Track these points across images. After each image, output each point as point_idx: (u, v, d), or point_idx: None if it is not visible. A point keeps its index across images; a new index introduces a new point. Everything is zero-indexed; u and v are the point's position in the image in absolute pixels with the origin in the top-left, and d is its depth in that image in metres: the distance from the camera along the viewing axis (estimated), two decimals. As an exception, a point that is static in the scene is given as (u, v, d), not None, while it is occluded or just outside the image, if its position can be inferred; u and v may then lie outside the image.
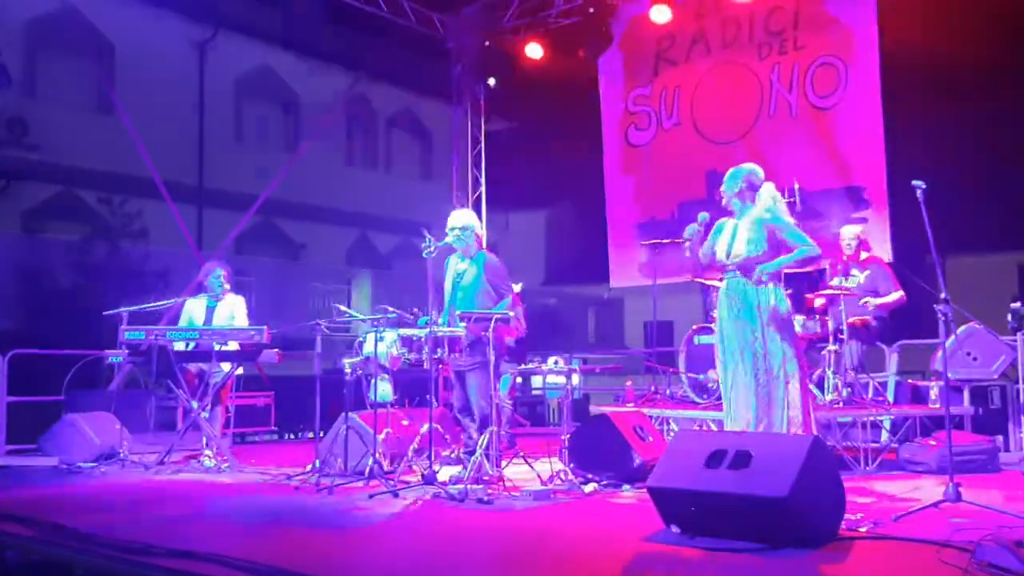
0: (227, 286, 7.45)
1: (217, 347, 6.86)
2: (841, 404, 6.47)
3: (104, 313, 7.08)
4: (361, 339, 6.03)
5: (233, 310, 7.36)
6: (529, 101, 12.10)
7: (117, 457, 6.92)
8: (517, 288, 6.34)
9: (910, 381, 7.44)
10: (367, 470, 5.65)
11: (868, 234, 7.85)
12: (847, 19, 9.06)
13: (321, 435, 6.25)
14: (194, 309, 7.46)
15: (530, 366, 6.89)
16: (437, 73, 12.32)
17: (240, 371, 7.36)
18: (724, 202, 5.28)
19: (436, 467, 5.53)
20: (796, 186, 8.40)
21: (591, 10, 10.41)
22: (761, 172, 5.24)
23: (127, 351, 6.84)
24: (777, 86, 9.56)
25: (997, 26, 8.10)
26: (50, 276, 12.94)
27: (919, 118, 8.65)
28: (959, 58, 8.27)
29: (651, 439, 5.80)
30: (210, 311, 7.37)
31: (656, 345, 8.74)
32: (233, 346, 6.93)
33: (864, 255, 7.42)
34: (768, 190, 5.21)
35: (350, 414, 6.01)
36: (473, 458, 5.46)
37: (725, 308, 5.15)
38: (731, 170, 5.28)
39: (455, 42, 11.60)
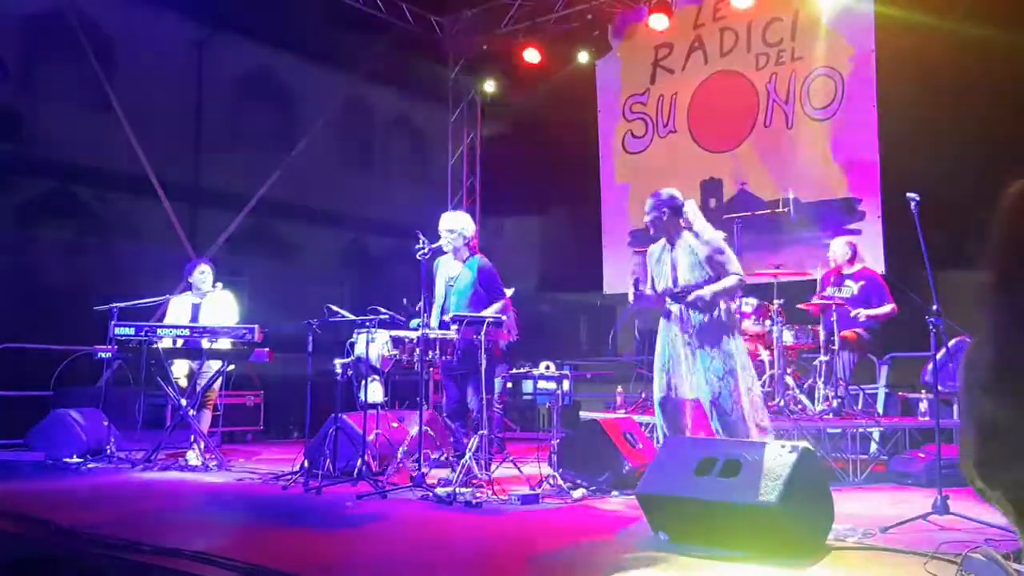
0: (218, 284, 7.44)
1: (208, 345, 6.84)
2: (831, 415, 6.48)
3: (95, 308, 7.06)
4: (352, 340, 6.01)
5: (220, 307, 7.34)
6: (526, 106, 12.07)
7: (104, 453, 6.90)
8: (509, 293, 6.33)
9: (900, 393, 7.46)
10: (356, 471, 5.64)
11: (862, 246, 7.87)
12: (845, 31, 9.10)
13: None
14: (179, 307, 7.43)
15: (521, 371, 6.88)
16: (434, 76, 12.32)
17: (231, 368, 7.33)
18: (652, 232, 5.30)
19: (425, 469, 5.52)
20: (791, 196, 8.44)
21: (589, 16, 10.44)
22: (679, 194, 5.26)
23: (116, 347, 6.82)
24: (774, 96, 9.59)
25: (995, 40, 8.12)
26: (42, 271, 12.87)
27: (915, 131, 8.65)
28: (956, 71, 8.29)
29: (641, 446, 5.80)
30: (196, 309, 7.35)
31: (648, 353, 8.72)
32: (224, 344, 6.91)
33: (857, 266, 7.44)
34: (693, 211, 5.23)
35: (340, 415, 6.00)
36: (462, 461, 5.45)
37: (670, 330, 5.15)
38: (650, 198, 5.28)
39: (452, 45, 11.61)
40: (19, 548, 4.02)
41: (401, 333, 5.83)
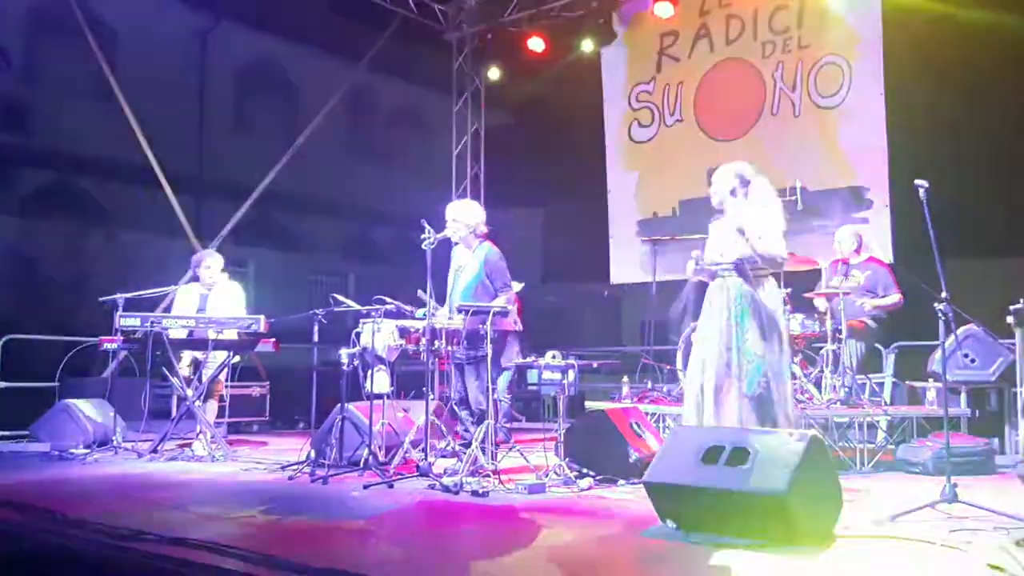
0: (224, 274, 7.43)
1: (213, 335, 6.83)
2: (838, 404, 6.45)
3: (100, 300, 7.06)
4: (358, 330, 5.99)
5: (228, 298, 7.34)
6: (530, 95, 12.04)
7: (110, 444, 6.89)
8: (518, 287, 6.29)
9: (907, 382, 7.43)
10: (362, 461, 5.63)
11: (869, 234, 7.83)
12: (852, 18, 9.04)
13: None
14: (187, 298, 7.43)
15: (527, 360, 6.86)
16: (438, 65, 12.28)
17: (237, 359, 7.33)
18: (715, 202, 5.18)
19: (432, 459, 5.51)
20: (798, 185, 8.38)
21: (594, 4, 10.39)
22: (750, 167, 5.13)
23: (122, 338, 6.81)
24: (780, 84, 9.54)
25: (1004, 27, 8.07)
26: (46, 262, 12.90)
27: (923, 118, 8.61)
28: (964, 59, 8.24)
29: (647, 435, 5.78)
30: (203, 299, 7.35)
31: (654, 343, 8.71)
32: (230, 334, 6.90)
33: (864, 255, 7.40)
34: (762, 186, 5.10)
35: (346, 405, 5.99)
36: (469, 451, 5.44)
37: (716, 305, 5.02)
38: (719, 169, 5.17)
39: (456, 34, 11.57)
40: (26, 538, 4.01)
41: (407, 323, 5.81)
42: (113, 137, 11.34)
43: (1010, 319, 5.76)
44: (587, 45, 10.68)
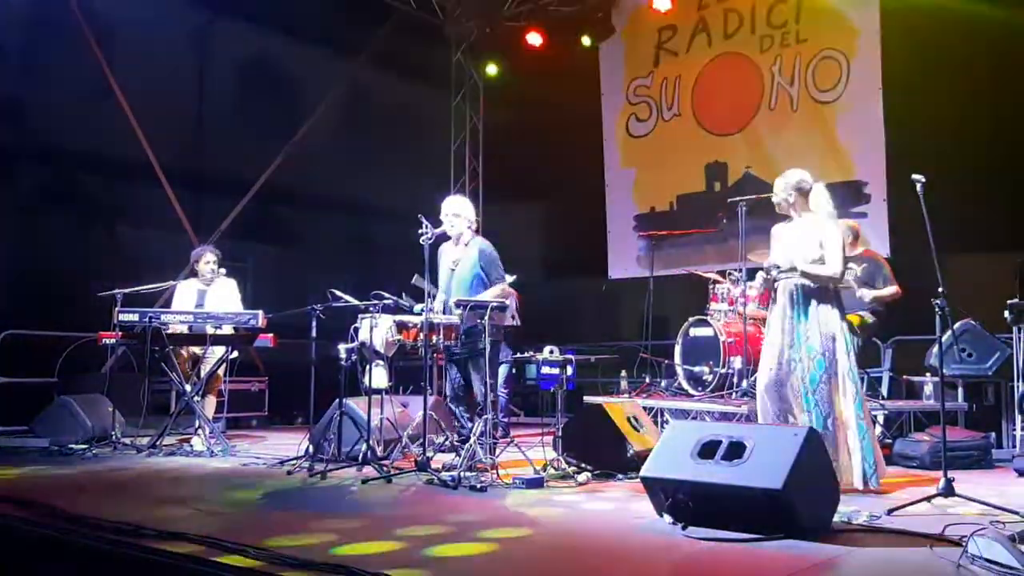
0: (222, 270, 7.44)
1: (212, 330, 6.84)
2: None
3: (99, 294, 7.06)
4: (356, 325, 6.00)
5: (225, 293, 7.35)
6: (528, 90, 12.02)
7: (109, 440, 6.90)
8: (511, 279, 6.30)
9: (904, 376, 7.45)
10: (360, 456, 5.64)
11: (867, 228, 7.83)
12: (850, 12, 9.04)
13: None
14: (186, 293, 7.44)
15: (526, 355, 6.88)
16: (436, 60, 12.26)
17: (235, 355, 7.34)
18: (778, 211, 5.27)
19: (430, 454, 5.52)
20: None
21: (593, -2, 10.39)
22: (809, 177, 5.20)
23: (121, 333, 6.82)
24: (778, 79, 9.54)
25: (1001, 20, 8.06)
26: (45, 258, 12.87)
27: (921, 113, 8.60)
28: (962, 52, 8.24)
29: (644, 429, 5.80)
30: (201, 295, 7.36)
31: (652, 338, 8.72)
32: (228, 330, 6.91)
33: (860, 249, 7.40)
34: (820, 195, 5.15)
35: (344, 400, 6.00)
36: (467, 445, 5.45)
37: (780, 307, 5.10)
38: (779, 178, 5.22)
39: (455, 29, 11.55)
40: (25, 533, 4.02)
41: (405, 318, 5.82)
42: (111, 133, 11.32)
43: (1007, 314, 5.78)
44: (585, 40, 10.66)
